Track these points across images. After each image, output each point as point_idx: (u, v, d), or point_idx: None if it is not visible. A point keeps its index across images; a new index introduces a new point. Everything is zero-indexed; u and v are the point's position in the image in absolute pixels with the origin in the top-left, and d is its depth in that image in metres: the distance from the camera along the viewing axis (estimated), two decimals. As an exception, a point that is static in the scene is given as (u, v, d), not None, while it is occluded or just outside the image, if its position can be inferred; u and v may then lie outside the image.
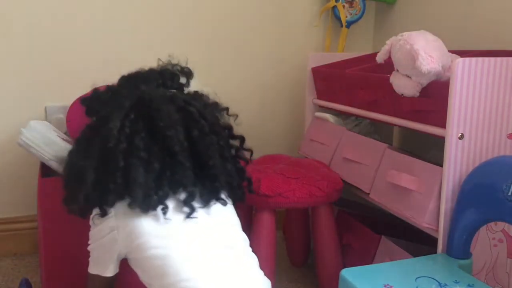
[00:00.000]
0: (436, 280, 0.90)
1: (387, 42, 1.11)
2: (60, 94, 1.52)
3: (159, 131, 0.94)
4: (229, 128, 1.08)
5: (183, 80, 1.10)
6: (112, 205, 0.93)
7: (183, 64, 1.12)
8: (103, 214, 0.93)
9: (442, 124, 1.02)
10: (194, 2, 1.64)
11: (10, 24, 1.48)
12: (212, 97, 1.59)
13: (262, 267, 1.26)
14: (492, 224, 1.06)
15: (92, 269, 0.98)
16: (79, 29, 1.54)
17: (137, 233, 0.90)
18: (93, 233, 0.97)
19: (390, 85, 1.12)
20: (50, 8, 1.50)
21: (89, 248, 0.98)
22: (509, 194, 0.89)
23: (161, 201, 0.92)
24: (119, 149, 0.91)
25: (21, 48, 1.50)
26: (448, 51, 1.08)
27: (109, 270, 0.96)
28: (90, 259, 0.99)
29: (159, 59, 1.12)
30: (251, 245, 1.02)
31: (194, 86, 1.54)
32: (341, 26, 1.73)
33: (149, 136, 0.94)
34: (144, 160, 0.92)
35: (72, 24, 1.53)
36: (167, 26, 1.63)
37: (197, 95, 1.08)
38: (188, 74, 1.12)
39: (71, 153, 1.00)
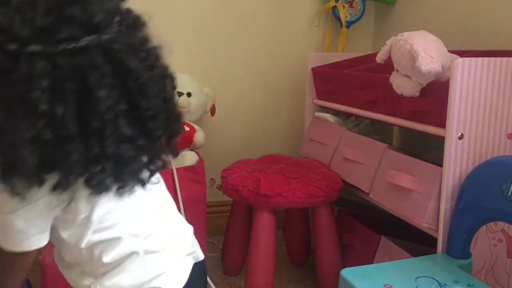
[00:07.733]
0: (436, 280, 0.90)
1: (387, 42, 1.11)
2: (60, 94, 1.52)
3: None
4: None
5: None
6: None
7: None
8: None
9: (442, 124, 1.02)
10: (193, 3, 1.64)
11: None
12: (212, 97, 1.61)
13: (262, 266, 1.27)
14: (492, 224, 1.06)
15: None
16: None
17: None
18: None
19: (390, 85, 1.12)
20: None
21: None
22: (509, 194, 0.89)
23: None
24: None
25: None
26: (448, 51, 1.08)
27: None
28: None
29: None
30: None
31: (195, 86, 1.55)
32: (341, 26, 1.73)
33: None
34: None
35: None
36: (168, 27, 1.63)
37: None
38: None
39: None
